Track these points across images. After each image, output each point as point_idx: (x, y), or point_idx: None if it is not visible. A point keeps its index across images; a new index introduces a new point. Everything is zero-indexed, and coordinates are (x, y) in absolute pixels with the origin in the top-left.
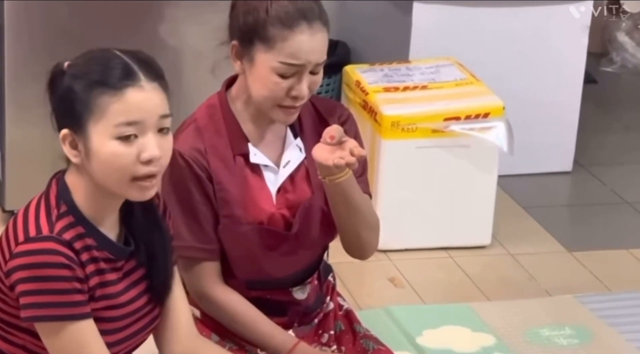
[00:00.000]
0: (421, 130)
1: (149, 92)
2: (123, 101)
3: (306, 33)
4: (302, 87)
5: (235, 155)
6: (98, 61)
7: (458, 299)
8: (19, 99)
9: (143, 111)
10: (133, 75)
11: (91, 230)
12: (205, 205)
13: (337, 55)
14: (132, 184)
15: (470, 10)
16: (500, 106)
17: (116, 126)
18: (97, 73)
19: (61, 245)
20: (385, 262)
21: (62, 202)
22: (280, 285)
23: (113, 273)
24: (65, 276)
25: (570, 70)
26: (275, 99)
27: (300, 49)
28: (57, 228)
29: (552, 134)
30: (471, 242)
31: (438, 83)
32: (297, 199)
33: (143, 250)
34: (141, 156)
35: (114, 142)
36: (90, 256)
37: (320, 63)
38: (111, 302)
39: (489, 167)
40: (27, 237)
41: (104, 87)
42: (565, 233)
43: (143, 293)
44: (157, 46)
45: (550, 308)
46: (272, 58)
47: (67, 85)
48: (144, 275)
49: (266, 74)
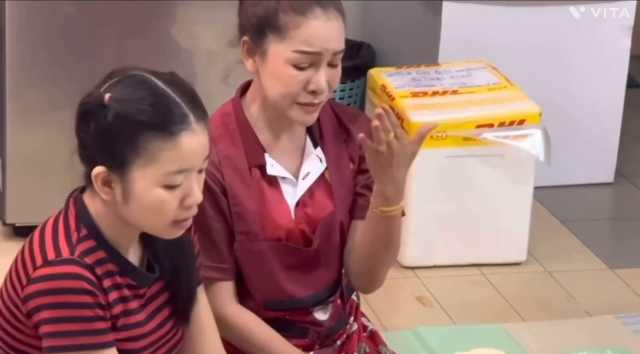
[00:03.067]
0: (451, 138)
1: (200, 136)
2: (178, 148)
3: (321, 18)
4: (321, 79)
5: (251, 167)
6: (146, 97)
7: (491, 320)
8: (21, 106)
9: (195, 157)
10: (185, 117)
11: (113, 255)
12: (219, 221)
13: (362, 58)
14: (171, 227)
15: (503, 10)
16: (536, 112)
17: (166, 174)
18: (148, 114)
19: (83, 269)
20: (413, 280)
21: (82, 224)
22: (301, 305)
23: (135, 300)
24: (88, 302)
25: (612, 74)
26: (292, 96)
27: (316, 36)
28: (78, 251)
29: (592, 143)
30: (505, 258)
31: (469, 87)
32: (317, 213)
33: (166, 273)
34: (185, 201)
35: (160, 190)
36: (113, 282)
37: (338, 52)
38: (133, 332)
39: (525, 178)
40: (46, 261)
41: (157, 132)
42: (606, 249)
43: (167, 319)
44: (167, 48)
45: (590, 330)
46: (285, 48)
47: (111, 121)
48: (168, 299)
49: (281, 68)
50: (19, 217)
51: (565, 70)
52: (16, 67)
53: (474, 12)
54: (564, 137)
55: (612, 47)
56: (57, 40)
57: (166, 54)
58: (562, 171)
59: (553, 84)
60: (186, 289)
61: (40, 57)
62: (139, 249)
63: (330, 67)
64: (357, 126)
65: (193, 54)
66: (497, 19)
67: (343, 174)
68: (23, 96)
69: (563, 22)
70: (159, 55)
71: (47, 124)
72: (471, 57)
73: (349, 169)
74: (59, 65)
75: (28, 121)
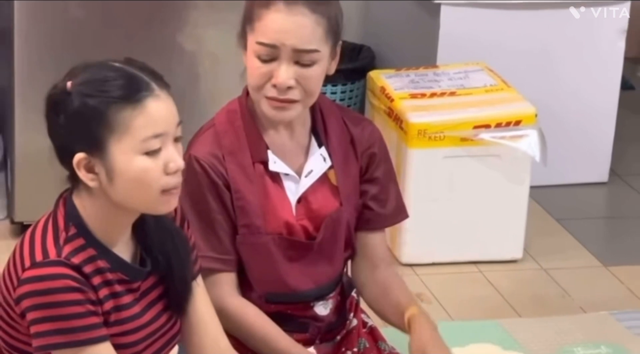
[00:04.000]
0: (449, 138)
1: (165, 100)
2: (146, 113)
3: (282, 12)
4: (280, 72)
5: (255, 162)
6: (105, 76)
7: (488, 316)
8: (29, 107)
9: (165, 121)
10: (146, 85)
11: (103, 252)
12: (222, 214)
13: (361, 60)
14: (161, 197)
15: (500, 13)
16: (532, 113)
17: (143, 140)
18: (112, 89)
19: (69, 269)
20: (412, 277)
21: (71, 224)
22: (302, 299)
23: (129, 295)
24: (77, 299)
25: (606, 76)
26: (257, 87)
27: (272, 28)
28: (66, 252)
29: (587, 143)
30: (502, 256)
31: (467, 89)
32: (319, 210)
33: (160, 266)
34: (168, 167)
35: (141, 158)
36: (103, 279)
37: (302, 50)
38: (126, 327)
39: (521, 177)
40: (34, 262)
41: (123, 102)
42: (600, 247)
43: (162, 312)
44: (171, 50)
45: (584, 326)
46: (252, 40)
47: (77, 105)
48: (162, 293)
49: (249, 60)
50: (27, 215)
51: (561, 72)
52: (24, 70)
53: (471, 15)
54: (560, 137)
55: (606, 50)
56: (63, 42)
57: (170, 56)
58: (557, 170)
59: (549, 86)
60: (180, 282)
61: (47, 59)
62: (131, 245)
63: (299, 65)
64: (360, 129)
65: (197, 56)
66: (494, 22)
67: (349, 173)
68: (31, 98)
69: (559, 26)
70: (163, 57)
71: None
72: (468, 59)
73: (356, 168)
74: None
75: (35, 122)
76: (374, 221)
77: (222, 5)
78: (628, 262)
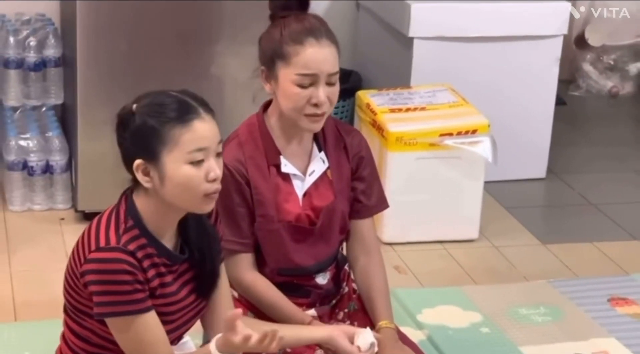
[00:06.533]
0: (421, 144)
1: (209, 122)
2: (192, 131)
3: (315, 46)
4: (320, 94)
5: (270, 165)
6: (163, 101)
7: (451, 284)
8: (89, 119)
9: (208, 138)
10: (195, 109)
11: (152, 241)
12: (242, 206)
13: (351, 82)
14: (203, 199)
15: (461, 45)
16: (486, 124)
17: (188, 152)
18: (166, 111)
19: (125, 254)
20: (391, 253)
21: (129, 217)
22: (305, 272)
23: (170, 275)
24: (128, 280)
25: (544, 94)
26: (299, 109)
27: (311, 60)
28: (123, 240)
29: (529, 147)
30: (462, 236)
31: (434, 105)
32: (320, 202)
33: (194, 256)
34: (209, 176)
35: (187, 167)
36: (151, 262)
37: (333, 73)
38: (168, 300)
39: (477, 174)
40: (98, 246)
41: (175, 122)
42: (540, 229)
43: (192, 291)
44: (202, 76)
45: (527, 291)
46: (290, 72)
47: (139, 123)
48: (193, 276)
49: (288, 87)
50: (87, 205)
51: (508, 91)
52: (85, 90)
53: (438, 47)
54: (507, 143)
55: (544, 74)
56: (115, 70)
57: (201, 81)
58: (506, 169)
59: (499, 103)
60: (209, 269)
61: (103, 82)
62: (175, 237)
63: (328, 85)
64: (351, 137)
65: (222, 81)
66: (456, 52)
67: (342, 172)
68: (90, 113)
69: (507, 55)
70: (196, 82)
71: (108, 134)
72: (436, 81)
73: (347, 168)
74: (118, 89)
75: (94, 131)
76: (362, 211)
77: (241, 38)
78: (561, 241)
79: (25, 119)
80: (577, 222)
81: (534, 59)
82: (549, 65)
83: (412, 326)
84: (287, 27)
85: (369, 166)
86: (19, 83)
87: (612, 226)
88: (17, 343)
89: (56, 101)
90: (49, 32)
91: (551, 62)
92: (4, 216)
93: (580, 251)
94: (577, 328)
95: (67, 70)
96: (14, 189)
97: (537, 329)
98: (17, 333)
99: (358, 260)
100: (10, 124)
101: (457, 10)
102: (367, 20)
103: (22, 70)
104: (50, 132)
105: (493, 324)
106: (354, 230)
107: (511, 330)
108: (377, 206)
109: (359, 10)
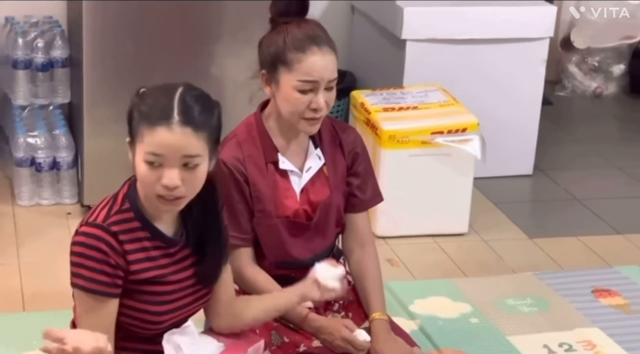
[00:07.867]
0: (413, 142)
1: (177, 135)
2: (154, 135)
3: (317, 54)
4: (319, 100)
5: (267, 162)
6: (155, 96)
7: (442, 276)
8: (95, 118)
9: (165, 148)
10: (169, 118)
11: (146, 225)
12: (242, 203)
13: (346, 83)
14: (158, 199)
15: (452, 47)
16: (475, 123)
17: (146, 152)
18: (146, 107)
19: (106, 233)
20: (385, 247)
21: (127, 200)
22: (302, 265)
23: (165, 258)
24: (98, 258)
25: (531, 95)
26: (299, 113)
27: (314, 68)
28: (111, 220)
29: (517, 145)
30: (452, 230)
31: (426, 104)
32: (316, 197)
33: (195, 243)
34: (162, 180)
35: (144, 164)
36: (140, 245)
37: (332, 80)
38: (160, 279)
39: (466, 171)
40: (87, 221)
41: (146, 120)
42: (527, 224)
43: (191, 277)
44: (203, 76)
45: (514, 283)
46: (292, 78)
47: (131, 107)
48: (193, 263)
49: (289, 92)
50: (92, 200)
51: (497, 92)
52: (90, 90)
53: (430, 49)
54: (496, 141)
55: (531, 75)
56: (122, 70)
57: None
58: (494, 165)
59: (488, 102)
60: (210, 256)
61: (108, 82)
62: (176, 223)
63: (327, 90)
64: (346, 135)
65: (222, 81)
66: (447, 54)
67: (337, 168)
68: (95, 111)
69: (495, 57)
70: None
71: (113, 132)
72: (427, 82)
73: (342, 164)
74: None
75: (99, 128)
76: (357, 205)
77: (241, 38)
78: (547, 235)
79: (33, 117)
80: (562, 217)
81: (522, 60)
82: (536, 67)
83: (404, 317)
84: (289, 33)
85: (364, 161)
86: (27, 83)
87: (596, 220)
88: (25, 332)
89: (63, 100)
90: (56, 33)
91: (538, 63)
92: (13, 210)
93: (565, 245)
94: (562, 318)
95: (73, 70)
96: (23, 184)
97: (524, 319)
98: (25, 322)
99: (353, 252)
100: (18, 122)
101: (448, 14)
102: (361, 23)
103: (30, 71)
104: (57, 130)
105: (482, 314)
106: (350, 223)
107: (499, 320)
108: (372, 200)
109: (354, 13)
